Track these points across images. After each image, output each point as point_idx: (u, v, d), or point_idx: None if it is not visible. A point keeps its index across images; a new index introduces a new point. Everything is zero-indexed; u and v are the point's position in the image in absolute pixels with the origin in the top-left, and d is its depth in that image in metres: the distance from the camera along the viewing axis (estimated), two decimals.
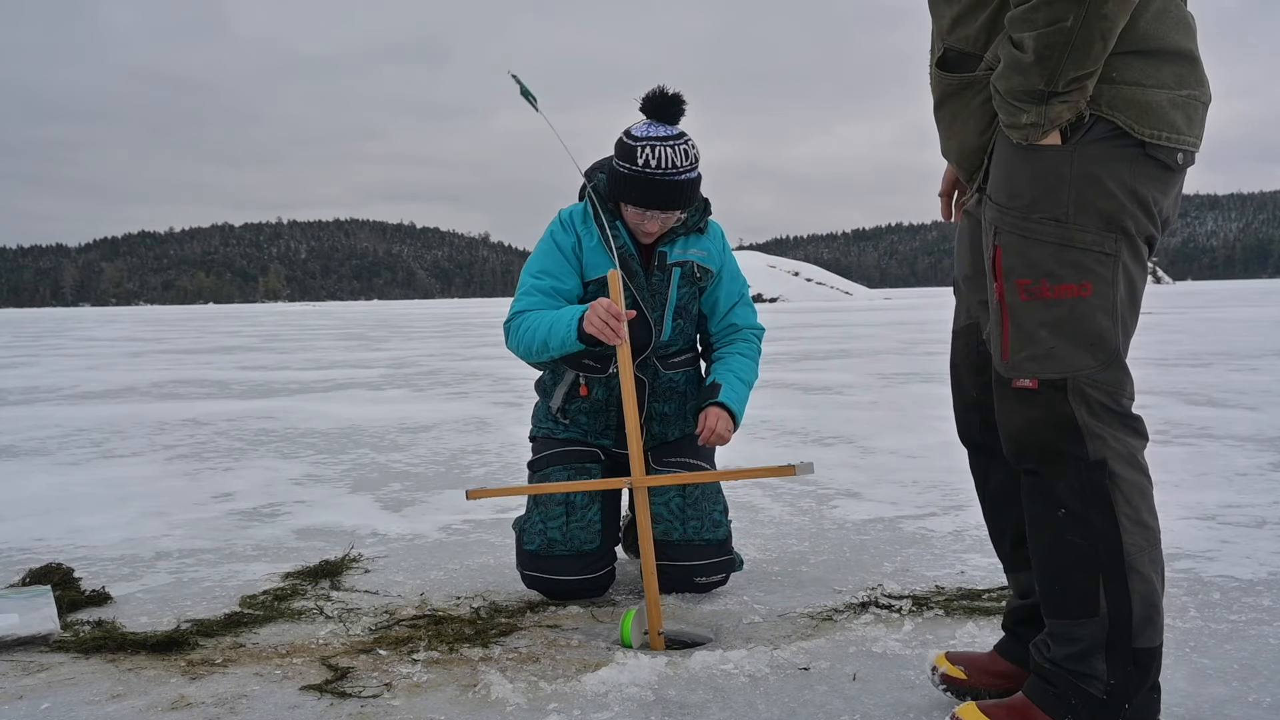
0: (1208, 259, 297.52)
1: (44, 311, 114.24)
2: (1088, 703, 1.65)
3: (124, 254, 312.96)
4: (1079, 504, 1.63)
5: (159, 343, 20.40)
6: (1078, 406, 1.62)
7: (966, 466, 1.98)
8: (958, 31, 1.71)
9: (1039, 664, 1.72)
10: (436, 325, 28.09)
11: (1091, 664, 1.64)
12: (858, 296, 58.38)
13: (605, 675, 2.07)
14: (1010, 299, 1.64)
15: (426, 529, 3.56)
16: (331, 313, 55.36)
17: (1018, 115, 1.58)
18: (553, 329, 2.53)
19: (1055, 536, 1.66)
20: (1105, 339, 1.62)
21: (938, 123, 1.81)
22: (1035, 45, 1.51)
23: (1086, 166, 1.59)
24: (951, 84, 1.73)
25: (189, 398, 8.55)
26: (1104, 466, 1.63)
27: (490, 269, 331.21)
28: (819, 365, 10.64)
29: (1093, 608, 1.64)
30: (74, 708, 2.00)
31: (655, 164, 2.54)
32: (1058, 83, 1.53)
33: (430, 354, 14.33)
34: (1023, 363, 1.63)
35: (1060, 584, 1.66)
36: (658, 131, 2.57)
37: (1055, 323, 1.61)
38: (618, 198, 2.64)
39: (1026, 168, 1.61)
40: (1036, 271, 1.61)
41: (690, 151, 2.58)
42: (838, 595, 2.68)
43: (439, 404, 7.67)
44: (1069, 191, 1.59)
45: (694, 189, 2.63)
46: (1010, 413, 1.67)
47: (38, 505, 4.09)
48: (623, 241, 2.68)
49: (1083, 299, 1.61)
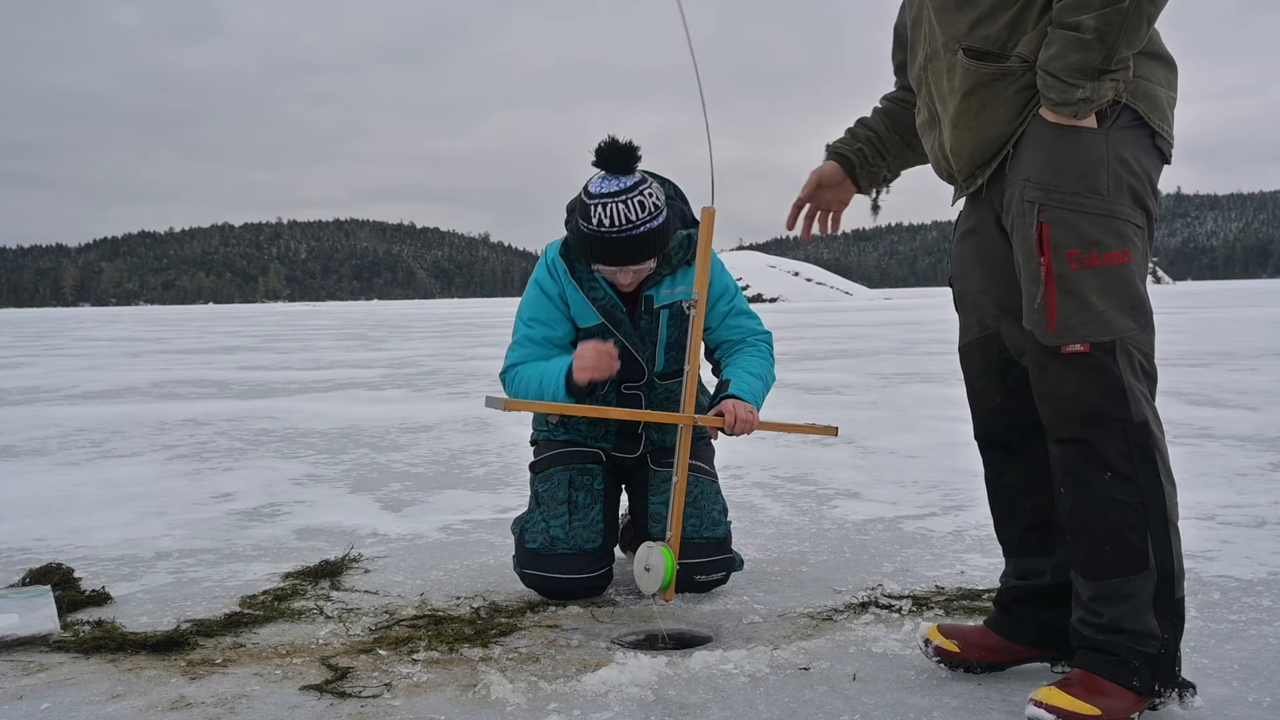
0: (1208, 259, 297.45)
1: (44, 311, 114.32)
2: (1148, 662, 1.78)
3: (124, 254, 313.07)
4: (1127, 465, 1.76)
5: (159, 343, 20.40)
6: (1125, 367, 1.76)
7: (967, 466, 2.00)
8: (977, 33, 1.83)
9: (1089, 638, 1.82)
10: (436, 325, 28.09)
11: (1145, 621, 1.77)
12: (858, 296, 58.39)
13: (605, 675, 2.07)
14: (1059, 269, 1.76)
15: (426, 529, 3.56)
16: (331, 313, 55.37)
17: (1071, 91, 1.72)
18: (543, 384, 2.57)
19: (1104, 499, 1.78)
20: (1144, 302, 1.79)
21: (960, 114, 1.88)
22: (1096, 24, 1.67)
23: (1117, 148, 1.76)
24: (986, 74, 1.83)
25: (189, 398, 8.55)
26: (1146, 427, 1.77)
27: (490, 269, 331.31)
28: (819, 365, 10.63)
29: (1143, 562, 1.77)
30: (74, 708, 2.00)
31: (610, 222, 2.49)
32: (1112, 59, 1.69)
33: (430, 354, 14.33)
34: (1075, 327, 1.75)
35: (1111, 544, 1.78)
36: (611, 186, 2.51)
37: (1104, 288, 1.75)
38: (583, 256, 2.61)
39: (1069, 147, 1.76)
40: (1085, 241, 1.75)
41: (647, 202, 2.52)
42: (838, 595, 2.68)
43: (439, 404, 7.67)
44: (1107, 169, 1.75)
45: (658, 237, 2.57)
46: (1058, 380, 1.78)
47: (38, 505, 4.09)
48: (603, 292, 2.65)
49: (1126, 265, 1.76)
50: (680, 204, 2.81)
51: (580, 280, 2.66)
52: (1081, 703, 1.75)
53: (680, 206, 2.80)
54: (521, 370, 2.63)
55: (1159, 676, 1.79)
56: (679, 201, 2.82)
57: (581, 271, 2.67)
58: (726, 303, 2.79)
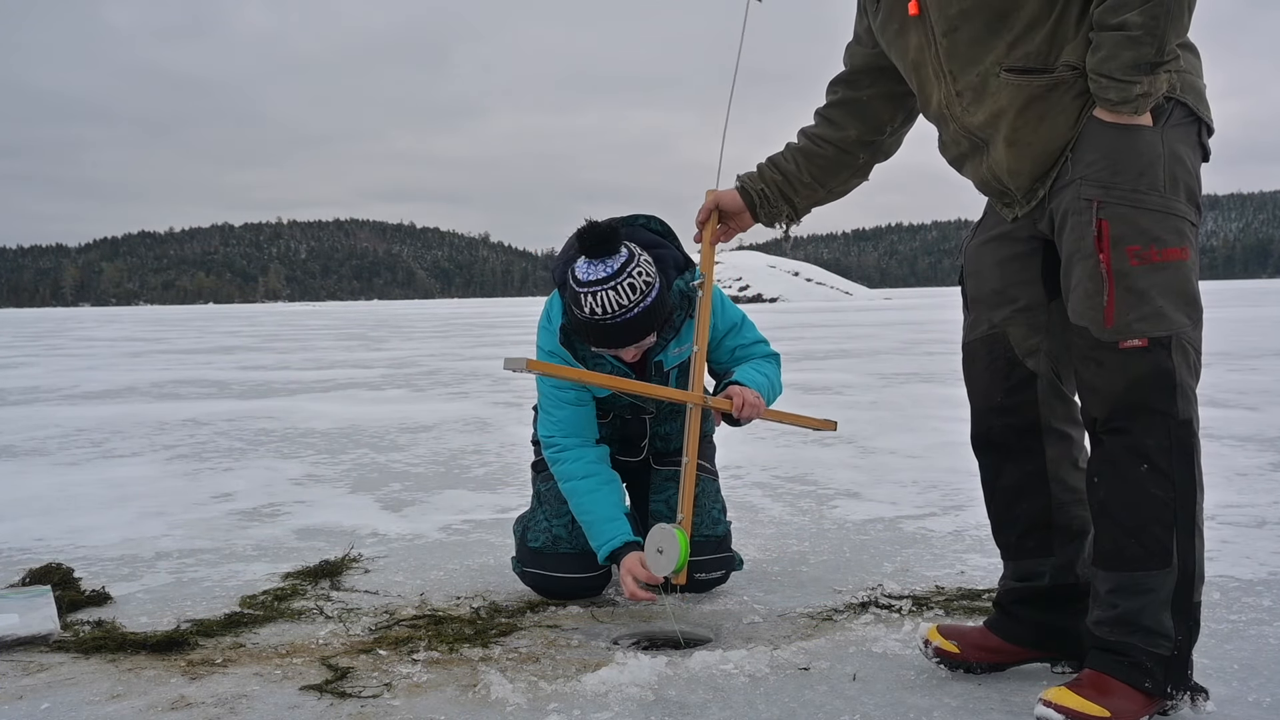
0: (1208, 259, 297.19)
1: (44, 311, 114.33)
2: (1160, 663, 1.78)
3: (124, 254, 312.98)
4: (1165, 459, 1.77)
5: (159, 343, 20.40)
6: (1179, 363, 1.77)
7: (967, 466, 2.00)
8: (1017, 52, 1.84)
9: (1101, 639, 1.82)
10: (436, 325, 28.10)
11: (1161, 620, 1.78)
12: (858, 296, 58.41)
13: (605, 675, 2.07)
14: (1119, 265, 1.76)
15: (426, 529, 3.56)
16: (331, 313, 55.38)
17: (1129, 89, 1.73)
18: (590, 532, 2.58)
19: (1136, 491, 1.78)
20: (1198, 299, 1.80)
21: (1017, 130, 1.87)
22: (1143, 19, 1.68)
23: (1172, 146, 1.78)
24: (1039, 86, 1.84)
25: (189, 398, 8.55)
26: (1189, 425, 1.78)
27: (490, 269, 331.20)
28: (819, 365, 10.63)
29: (1166, 559, 1.77)
30: (74, 708, 2.00)
31: (602, 310, 2.42)
32: (1164, 51, 1.70)
33: (430, 354, 14.33)
34: (1133, 323, 1.76)
35: (1137, 537, 1.78)
36: (598, 273, 2.42)
37: (1164, 284, 1.76)
38: (581, 339, 2.55)
39: (1128, 145, 1.77)
40: (1146, 237, 1.75)
41: (637, 282, 2.42)
42: (838, 595, 2.68)
43: (439, 404, 7.67)
44: (1163, 166, 1.77)
45: (654, 315, 2.48)
46: (1111, 374, 1.79)
47: (38, 505, 4.09)
48: (610, 365, 2.61)
49: (1183, 262, 1.77)
50: (672, 250, 2.66)
51: (583, 360, 2.62)
52: (1091, 703, 1.75)
53: (672, 254, 2.65)
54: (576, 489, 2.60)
55: (1171, 678, 1.79)
56: (670, 247, 2.66)
57: (583, 350, 2.61)
58: (734, 338, 2.74)
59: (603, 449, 2.69)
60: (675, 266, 2.62)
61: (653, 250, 2.59)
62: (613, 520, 2.55)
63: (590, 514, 2.57)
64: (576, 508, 2.60)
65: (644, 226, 2.70)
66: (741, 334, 2.76)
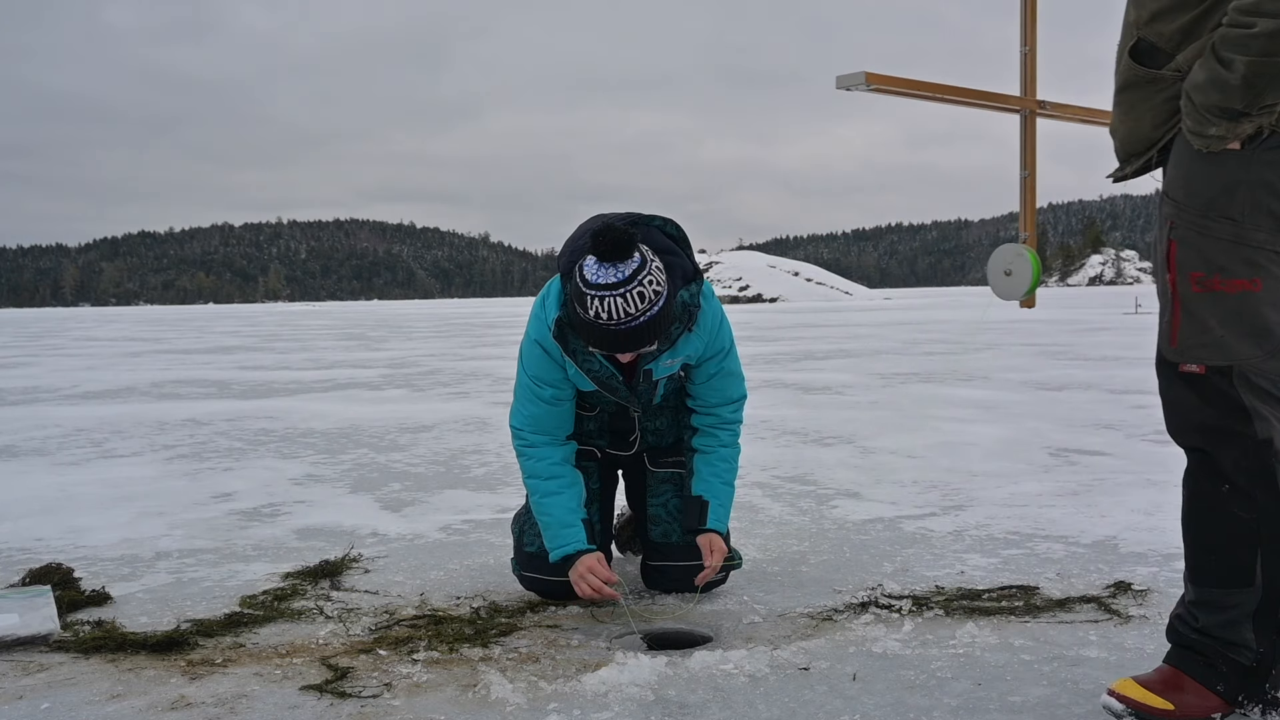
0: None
1: (44, 311, 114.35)
2: (1237, 670, 1.77)
3: (124, 254, 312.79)
4: (1245, 480, 1.74)
5: (158, 343, 20.40)
6: (1244, 391, 1.73)
7: (967, 466, 2.00)
8: (1155, 26, 1.77)
9: (1184, 635, 1.83)
10: (436, 325, 28.09)
11: (1240, 633, 1.76)
12: (858, 296, 58.38)
13: (605, 675, 2.07)
14: (1183, 289, 1.74)
15: (426, 529, 3.56)
16: (331, 313, 55.38)
17: (1206, 126, 1.67)
18: (546, 534, 2.59)
19: (1218, 510, 1.77)
20: (1273, 331, 1.72)
21: (1115, 106, 1.87)
22: (1245, 71, 1.60)
23: (1262, 172, 1.69)
24: (1138, 75, 1.80)
25: (189, 398, 8.55)
26: (1270, 446, 1.74)
27: (490, 269, 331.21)
28: (819, 365, 10.63)
29: (1249, 579, 1.76)
30: (74, 708, 2.00)
31: (606, 315, 2.36)
32: (1255, 106, 1.63)
33: (430, 354, 14.33)
34: (1192, 349, 1.75)
35: (1219, 555, 1.77)
36: (608, 277, 2.34)
37: (1225, 314, 1.72)
38: (580, 337, 2.49)
39: (1206, 170, 1.72)
40: (1210, 266, 1.72)
41: (647, 291, 2.36)
42: (838, 595, 2.68)
43: (439, 404, 7.68)
44: (1245, 193, 1.69)
45: (655, 327, 2.42)
46: (1178, 393, 1.78)
47: (38, 505, 4.09)
48: (599, 365, 2.58)
49: (1252, 293, 1.71)
50: (682, 259, 2.59)
51: (574, 353, 2.57)
52: (1156, 696, 1.77)
53: (682, 264, 2.57)
54: (539, 489, 2.61)
55: (1245, 687, 1.77)
56: (681, 255, 2.59)
57: (576, 345, 2.55)
58: (717, 364, 2.69)
59: (570, 447, 2.69)
60: (683, 277, 2.55)
61: (664, 256, 2.51)
62: (568, 526, 2.57)
63: (548, 515, 2.59)
64: (536, 506, 2.62)
65: (659, 229, 2.61)
66: (725, 364, 2.70)
